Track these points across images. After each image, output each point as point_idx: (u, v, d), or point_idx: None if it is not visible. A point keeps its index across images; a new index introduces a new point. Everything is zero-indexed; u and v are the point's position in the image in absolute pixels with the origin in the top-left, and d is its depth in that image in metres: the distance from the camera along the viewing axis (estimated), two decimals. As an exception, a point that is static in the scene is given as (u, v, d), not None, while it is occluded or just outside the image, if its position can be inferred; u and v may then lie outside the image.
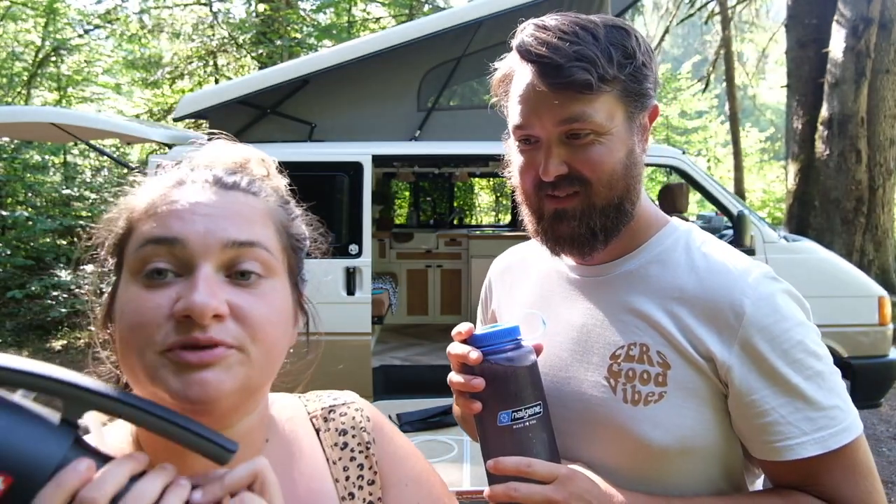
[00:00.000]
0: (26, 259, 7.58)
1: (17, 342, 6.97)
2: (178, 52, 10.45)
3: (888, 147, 7.25)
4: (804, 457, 0.75)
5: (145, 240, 0.56)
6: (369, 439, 0.73)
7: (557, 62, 0.77)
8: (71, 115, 4.31)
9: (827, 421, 0.76)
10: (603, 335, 0.86)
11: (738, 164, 12.73)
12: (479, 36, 3.97)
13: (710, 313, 0.79)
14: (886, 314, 3.83)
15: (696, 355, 0.79)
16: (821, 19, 7.48)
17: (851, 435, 0.76)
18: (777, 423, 0.76)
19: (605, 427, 0.83)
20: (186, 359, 0.52)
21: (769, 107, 17.84)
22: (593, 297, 0.89)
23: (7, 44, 9.89)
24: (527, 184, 0.86)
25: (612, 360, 0.84)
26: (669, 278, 0.84)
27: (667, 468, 0.81)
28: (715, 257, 0.83)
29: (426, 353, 4.78)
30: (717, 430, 0.81)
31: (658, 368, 0.80)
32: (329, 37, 9.56)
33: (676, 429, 0.79)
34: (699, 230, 0.90)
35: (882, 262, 7.27)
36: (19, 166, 8.06)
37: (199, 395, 0.53)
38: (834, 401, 0.77)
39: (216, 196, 0.59)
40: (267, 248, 0.59)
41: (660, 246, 0.87)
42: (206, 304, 0.52)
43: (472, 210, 11.77)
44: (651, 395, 0.80)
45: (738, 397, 0.78)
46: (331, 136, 4.01)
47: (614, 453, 0.83)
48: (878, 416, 4.64)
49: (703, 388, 0.79)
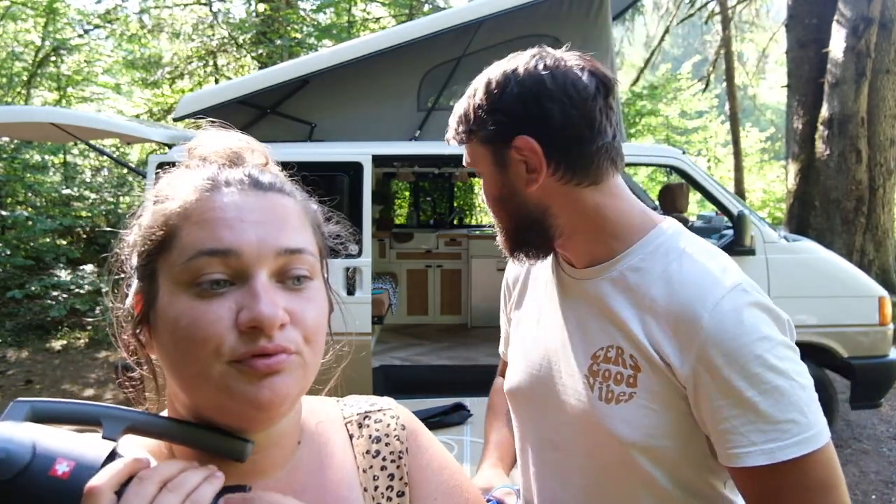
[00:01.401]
0: (26, 259, 7.58)
1: (17, 342, 6.97)
2: (178, 52, 10.45)
3: (888, 147, 7.24)
4: (752, 465, 0.79)
5: (197, 251, 0.55)
6: (402, 449, 0.71)
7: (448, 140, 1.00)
8: (71, 115, 4.31)
9: (778, 434, 0.78)
10: (587, 335, 0.93)
11: (738, 164, 12.73)
12: (479, 36, 3.97)
13: (674, 325, 0.84)
14: (887, 314, 3.82)
15: (661, 363, 0.85)
16: (821, 19, 7.48)
17: (805, 449, 0.78)
18: (730, 432, 0.80)
19: (580, 420, 0.92)
20: (257, 367, 0.54)
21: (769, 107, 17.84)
22: (581, 299, 0.96)
23: (7, 43, 9.89)
24: None
25: (592, 360, 0.91)
26: (644, 288, 0.88)
27: (631, 461, 0.88)
28: (687, 269, 0.87)
29: (426, 353, 4.78)
30: (678, 432, 0.86)
31: (630, 371, 0.87)
32: (329, 37, 9.56)
33: (642, 427, 0.86)
34: (685, 235, 0.93)
35: (882, 262, 7.26)
36: (19, 166, 8.06)
37: (270, 400, 0.55)
38: (790, 415, 0.79)
39: (257, 199, 0.58)
40: (312, 253, 0.60)
41: (640, 254, 0.91)
42: (274, 315, 0.54)
43: (472, 210, 11.77)
44: (622, 394, 0.87)
45: (697, 406, 0.84)
46: (331, 136, 4.01)
47: (588, 444, 0.92)
48: (879, 416, 4.63)
49: (667, 393, 0.85)
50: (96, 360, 6.45)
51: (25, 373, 6.07)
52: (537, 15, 4.02)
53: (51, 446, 0.48)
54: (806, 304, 3.77)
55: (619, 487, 0.91)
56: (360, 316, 3.72)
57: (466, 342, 5.09)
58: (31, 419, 0.51)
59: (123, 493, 0.48)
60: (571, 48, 0.95)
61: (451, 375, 4.36)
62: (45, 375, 5.99)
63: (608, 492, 0.92)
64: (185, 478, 0.50)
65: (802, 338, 3.77)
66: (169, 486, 0.49)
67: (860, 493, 3.63)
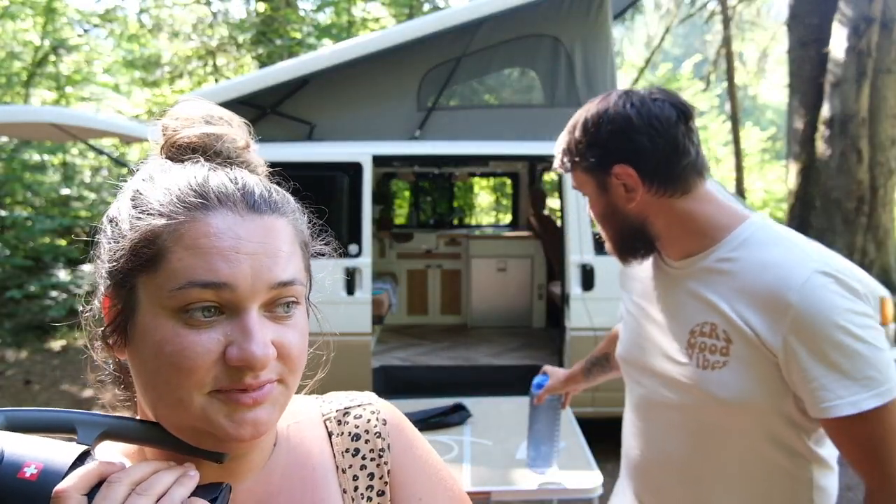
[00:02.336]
0: (25, 259, 7.57)
1: (16, 342, 6.96)
2: (178, 52, 10.44)
3: (889, 147, 7.23)
4: (841, 416, 0.96)
5: (189, 282, 0.52)
6: (383, 446, 0.69)
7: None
8: (70, 114, 4.30)
9: (859, 388, 0.96)
10: (685, 314, 1.13)
11: (738, 163, 12.72)
12: (479, 36, 3.96)
13: (765, 305, 1.01)
14: (888, 314, 3.81)
15: (751, 335, 1.02)
16: (822, 19, 7.47)
17: (882, 399, 0.96)
18: (820, 389, 0.97)
19: (681, 384, 1.11)
20: (241, 401, 0.54)
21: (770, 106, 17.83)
22: (679, 285, 1.16)
23: (6, 43, 9.88)
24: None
25: (689, 335, 1.10)
26: (734, 274, 1.07)
27: (725, 417, 1.07)
28: (774, 255, 1.04)
29: (426, 353, 4.77)
30: (767, 391, 1.03)
31: (723, 343, 1.05)
32: (329, 37, 9.55)
33: (735, 389, 1.04)
34: (768, 227, 1.11)
35: (883, 262, 7.26)
36: (18, 166, 8.05)
37: (251, 434, 0.55)
38: (869, 373, 0.96)
39: (253, 225, 0.55)
40: (302, 282, 0.59)
41: (729, 246, 1.10)
42: (265, 356, 0.53)
43: (472, 210, 11.76)
44: (717, 362, 1.06)
45: (788, 370, 1.00)
46: (331, 136, 3.99)
47: (688, 404, 1.11)
48: (880, 416, 4.62)
49: (757, 361, 1.03)
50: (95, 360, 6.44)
51: (24, 373, 6.06)
52: (537, 15, 4.01)
53: (20, 451, 0.48)
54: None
55: (716, 441, 1.09)
56: (360, 316, 3.71)
57: (466, 342, 5.08)
58: (4, 429, 0.51)
59: (94, 497, 0.47)
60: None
61: (451, 375, 4.35)
62: (44, 376, 5.98)
63: (706, 445, 1.11)
64: (155, 479, 0.49)
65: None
66: (139, 489, 0.48)
67: (861, 494, 3.62)
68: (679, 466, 1.15)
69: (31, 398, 5.37)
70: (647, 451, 1.22)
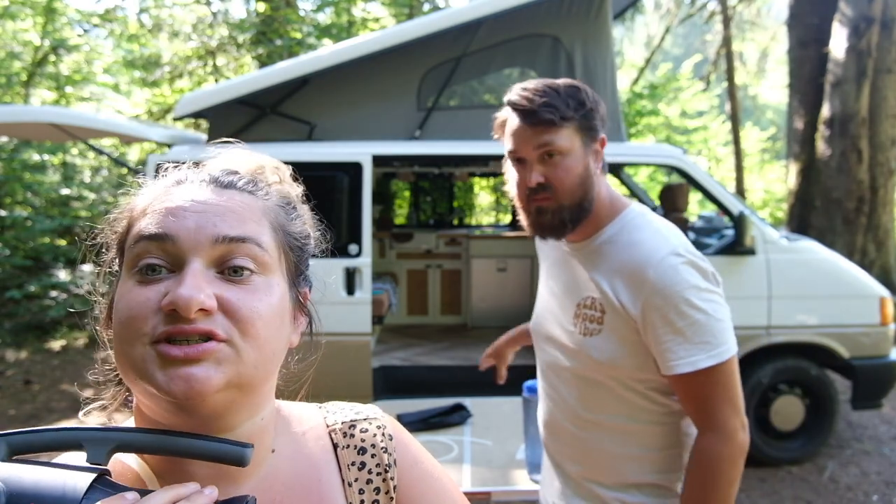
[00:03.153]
0: (25, 259, 7.57)
1: (16, 342, 6.96)
2: (178, 52, 10.43)
3: (889, 147, 7.23)
4: (681, 373, 1.17)
5: (139, 236, 0.56)
6: (389, 461, 0.69)
7: (532, 108, 1.22)
8: (70, 114, 4.30)
9: (696, 351, 1.16)
10: (575, 289, 1.32)
11: (738, 163, 12.71)
12: (479, 36, 3.96)
13: (630, 280, 1.21)
14: (888, 314, 3.81)
15: (619, 305, 1.22)
16: (822, 19, 7.46)
17: (714, 360, 1.16)
18: (667, 351, 1.18)
19: (570, 349, 1.32)
20: (171, 353, 0.52)
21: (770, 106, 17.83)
22: (574, 263, 1.34)
23: (6, 43, 9.87)
24: (520, 192, 1.29)
25: (577, 307, 1.31)
26: (613, 254, 1.26)
27: (604, 377, 1.27)
28: (641, 237, 1.24)
29: (426, 354, 4.77)
30: (634, 354, 1.23)
31: (599, 313, 1.26)
32: (329, 37, 9.55)
33: (607, 352, 1.24)
34: (645, 215, 1.29)
35: (883, 263, 7.25)
36: (18, 166, 8.04)
37: (183, 391, 0.52)
38: (705, 338, 1.16)
39: (211, 194, 0.59)
40: (259, 244, 0.58)
41: (611, 230, 1.29)
42: (191, 296, 0.52)
43: (472, 210, 11.75)
44: (594, 330, 1.27)
45: (645, 334, 1.20)
46: (331, 136, 3.99)
47: (576, 366, 1.31)
48: (880, 416, 4.62)
49: (622, 327, 1.23)
50: (95, 360, 6.44)
51: (24, 373, 6.06)
52: (537, 15, 4.01)
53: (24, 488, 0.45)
54: (807, 304, 3.76)
55: (598, 395, 1.29)
56: (360, 316, 3.71)
57: (466, 342, 5.08)
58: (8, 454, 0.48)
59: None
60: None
61: (451, 375, 4.35)
62: (44, 376, 5.98)
63: (591, 398, 1.30)
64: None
65: (804, 338, 3.80)
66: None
67: (861, 494, 3.62)
68: (571, 417, 1.33)
69: (31, 398, 5.37)
70: (551, 407, 1.40)
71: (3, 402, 5.28)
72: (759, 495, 3.60)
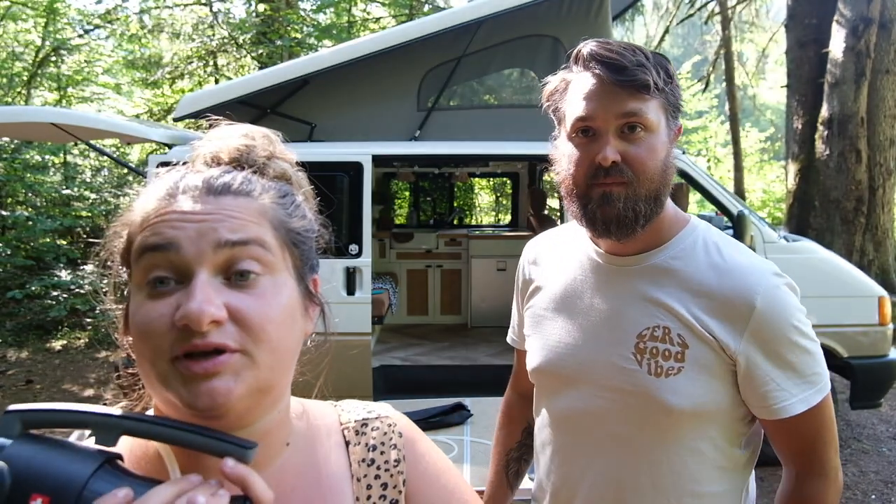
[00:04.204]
0: (26, 259, 7.58)
1: (17, 342, 6.97)
2: (178, 52, 10.45)
3: (888, 147, 7.24)
4: (794, 414, 0.97)
5: (142, 249, 0.57)
6: (398, 457, 0.71)
7: (624, 64, 0.94)
8: (71, 115, 4.31)
9: (808, 386, 0.98)
10: (631, 317, 1.02)
11: (738, 164, 12.72)
12: (479, 36, 3.97)
13: (725, 307, 0.97)
14: (886, 314, 3.82)
15: (710, 338, 0.97)
16: (821, 19, 7.48)
17: (824, 392, 0.99)
18: (775, 390, 0.97)
19: (631, 394, 1.01)
20: (192, 370, 0.54)
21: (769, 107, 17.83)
22: (622, 284, 1.05)
23: (7, 44, 9.88)
24: (579, 172, 1.00)
25: (638, 339, 1.01)
26: (689, 274, 1.01)
27: (679, 426, 1.00)
28: (731, 256, 1.01)
29: (426, 353, 4.78)
30: (723, 397, 1.00)
31: (678, 347, 0.98)
32: (329, 37, 9.56)
33: (691, 396, 0.98)
34: (714, 229, 1.07)
35: (882, 263, 7.26)
36: (19, 166, 8.06)
37: (207, 405, 0.54)
38: (815, 368, 0.99)
39: (207, 202, 0.59)
40: (262, 245, 0.58)
41: (682, 244, 1.04)
42: (201, 311, 0.53)
43: (472, 210, 11.77)
44: (671, 368, 0.98)
45: (745, 375, 0.98)
46: (331, 136, 4.00)
47: (638, 412, 1.01)
48: (879, 416, 4.63)
49: (714, 364, 0.98)
50: (96, 360, 6.45)
51: (26, 373, 6.07)
52: (537, 15, 4.02)
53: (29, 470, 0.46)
54: (805, 304, 3.69)
55: (668, 452, 1.01)
56: (360, 316, 3.72)
57: (466, 342, 5.09)
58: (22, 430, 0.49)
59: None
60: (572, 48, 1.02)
61: (451, 375, 4.36)
62: (45, 375, 5.99)
63: (654, 456, 1.02)
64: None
65: (802, 338, 3.80)
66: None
67: (860, 493, 3.63)
68: (615, 480, 1.04)
69: (33, 397, 5.38)
70: (573, 468, 1.09)
71: (4, 401, 5.29)
72: (758, 495, 3.61)
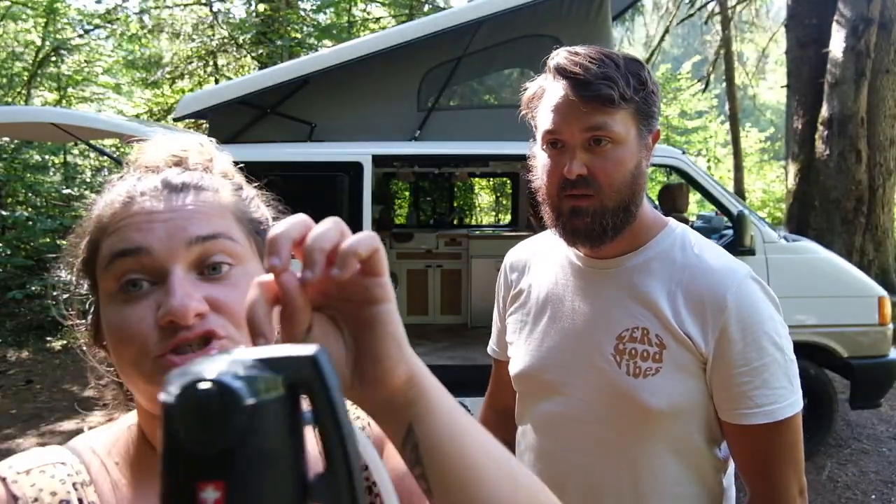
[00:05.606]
0: (26, 259, 7.58)
1: (17, 342, 6.97)
2: (178, 52, 10.45)
3: (888, 147, 7.25)
4: (755, 423, 0.95)
5: (112, 255, 0.57)
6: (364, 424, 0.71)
7: (588, 79, 0.94)
8: (71, 115, 4.32)
9: (776, 398, 0.95)
10: (610, 318, 1.03)
11: (738, 164, 12.73)
12: (479, 36, 3.97)
13: (699, 306, 0.98)
14: (886, 314, 3.82)
15: (686, 338, 0.98)
16: (821, 19, 7.48)
17: (793, 410, 0.96)
18: (740, 396, 0.96)
19: (611, 395, 1.02)
20: (175, 362, 0.53)
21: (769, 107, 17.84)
22: (602, 287, 1.06)
23: (7, 44, 9.89)
24: (552, 182, 1.01)
25: (618, 340, 1.02)
26: (667, 275, 1.01)
27: (658, 426, 1.00)
28: (706, 258, 1.02)
29: (426, 354, 4.77)
30: (700, 396, 1.00)
31: (656, 348, 0.99)
32: (329, 37, 9.57)
33: (668, 396, 0.98)
34: (691, 232, 1.08)
35: (882, 262, 7.27)
36: (19, 166, 8.07)
37: None
38: (783, 382, 0.96)
39: (171, 201, 0.59)
40: (230, 237, 0.59)
41: (659, 246, 1.05)
42: (185, 306, 0.53)
43: (472, 210, 11.77)
44: (650, 369, 0.99)
45: (712, 373, 0.98)
46: (331, 136, 4.00)
47: (618, 414, 1.02)
48: (878, 416, 4.63)
49: (690, 364, 0.99)
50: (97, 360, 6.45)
51: (26, 373, 6.07)
52: (537, 15, 4.01)
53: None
54: (806, 304, 3.77)
55: (645, 452, 1.01)
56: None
57: (466, 342, 5.09)
58: None
59: None
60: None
61: (451, 375, 4.31)
62: (45, 375, 5.99)
63: (631, 456, 1.02)
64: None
65: (802, 338, 3.80)
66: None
67: (860, 493, 3.63)
68: (593, 484, 1.04)
69: (33, 398, 5.38)
70: (554, 473, 1.07)
71: (4, 401, 5.29)
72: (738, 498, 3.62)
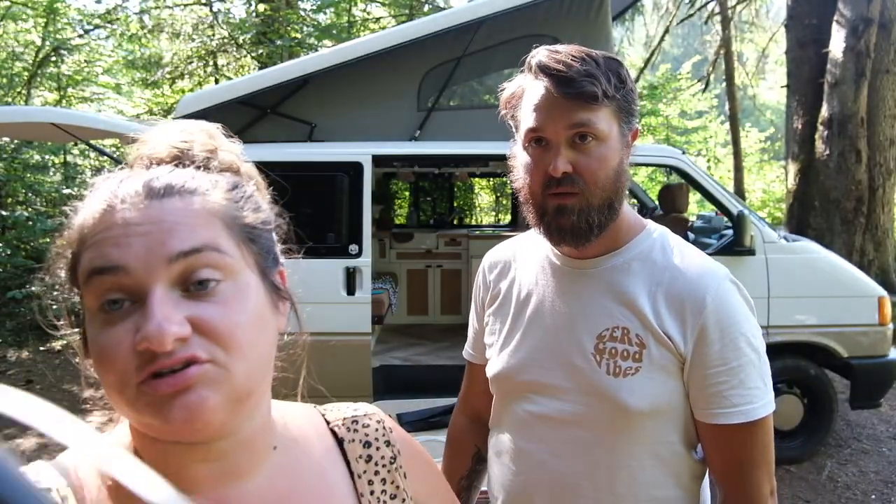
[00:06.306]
0: (26, 259, 7.58)
1: (17, 342, 6.97)
2: (178, 52, 10.45)
3: (888, 147, 7.25)
4: (730, 423, 0.97)
5: (88, 273, 0.53)
6: (394, 453, 0.71)
7: (571, 76, 0.94)
8: (71, 115, 4.32)
9: (750, 398, 0.97)
10: (590, 318, 1.03)
11: (737, 164, 12.72)
12: (479, 36, 3.97)
13: (679, 306, 0.98)
14: (886, 314, 3.83)
15: (665, 338, 0.98)
16: (821, 19, 7.48)
17: (766, 411, 0.98)
18: (716, 395, 0.97)
19: (591, 395, 1.02)
20: (160, 389, 0.50)
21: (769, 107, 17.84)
22: (582, 286, 1.06)
23: (7, 44, 9.89)
24: (535, 181, 1.00)
25: (598, 340, 1.02)
26: (647, 275, 1.02)
27: (637, 426, 1.00)
28: (686, 259, 1.03)
29: (426, 353, 4.78)
30: (679, 397, 1.01)
31: (636, 347, 0.99)
32: (329, 37, 9.56)
33: (648, 396, 0.98)
34: (670, 234, 1.08)
35: (882, 262, 7.27)
36: (19, 166, 8.06)
37: (185, 419, 0.51)
38: (757, 383, 0.98)
39: (147, 210, 0.54)
40: (217, 249, 0.54)
41: (639, 247, 1.05)
42: (162, 331, 0.49)
43: (472, 210, 11.77)
44: (629, 368, 0.99)
45: (690, 372, 0.99)
46: (331, 136, 4.00)
47: (597, 414, 1.01)
48: (878, 416, 4.63)
49: (670, 364, 0.99)
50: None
51: (26, 373, 6.07)
52: (537, 15, 4.02)
53: None
54: (805, 304, 3.78)
55: (623, 454, 1.01)
56: (360, 316, 3.72)
57: (466, 342, 5.08)
58: None
59: None
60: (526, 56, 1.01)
61: (451, 375, 4.33)
62: (45, 375, 6.00)
63: (611, 458, 1.02)
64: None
65: (802, 338, 3.80)
66: None
67: (860, 493, 3.63)
68: (569, 485, 1.03)
69: (32, 398, 5.38)
70: (534, 474, 1.07)
71: (4, 401, 5.29)
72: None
